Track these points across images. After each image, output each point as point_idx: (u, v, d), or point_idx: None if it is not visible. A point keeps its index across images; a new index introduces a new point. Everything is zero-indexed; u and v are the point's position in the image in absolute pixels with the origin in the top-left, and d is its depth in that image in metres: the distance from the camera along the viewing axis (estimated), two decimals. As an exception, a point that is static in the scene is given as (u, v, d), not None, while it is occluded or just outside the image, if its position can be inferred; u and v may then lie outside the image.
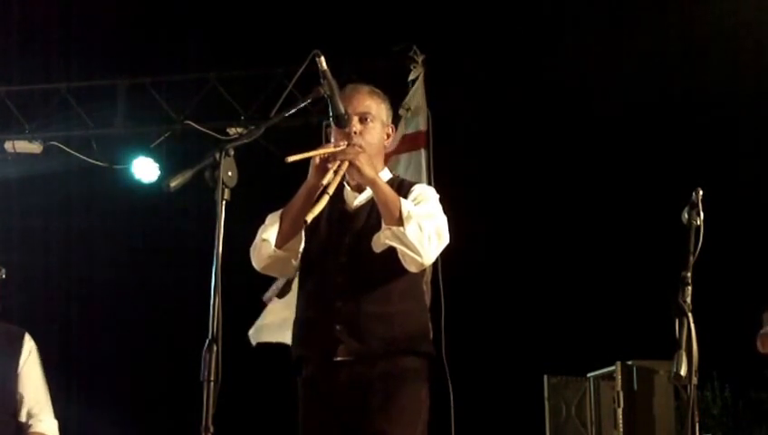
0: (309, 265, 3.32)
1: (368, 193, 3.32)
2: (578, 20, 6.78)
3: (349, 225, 3.30)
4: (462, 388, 5.80)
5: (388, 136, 3.44)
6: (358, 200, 3.34)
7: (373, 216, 3.25)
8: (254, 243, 3.31)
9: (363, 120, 3.32)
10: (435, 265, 5.04)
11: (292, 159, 3.05)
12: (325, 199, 3.06)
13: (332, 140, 3.30)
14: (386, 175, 3.36)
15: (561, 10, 6.78)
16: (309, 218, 3.03)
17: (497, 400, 6.90)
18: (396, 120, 4.79)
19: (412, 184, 3.40)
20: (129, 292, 7.86)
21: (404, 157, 6.22)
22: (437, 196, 3.34)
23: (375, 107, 3.37)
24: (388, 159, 5.92)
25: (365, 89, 3.42)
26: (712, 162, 6.47)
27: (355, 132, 3.27)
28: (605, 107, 6.82)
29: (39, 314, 7.64)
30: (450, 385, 5.64)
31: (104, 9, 7.36)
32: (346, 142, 3.22)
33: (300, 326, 3.33)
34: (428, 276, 4.63)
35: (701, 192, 3.08)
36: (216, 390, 2.46)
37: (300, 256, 3.31)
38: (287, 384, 3.39)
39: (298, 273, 3.37)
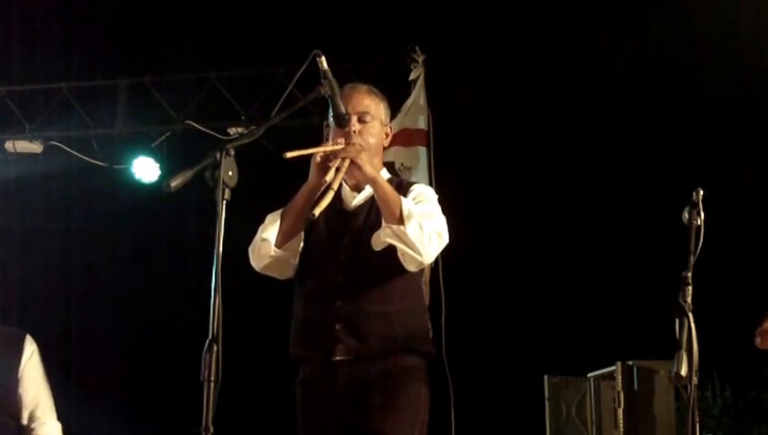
0: (308, 265, 3.32)
1: (366, 193, 3.32)
2: (578, 20, 6.77)
3: (348, 224, 3.31)
4: (462, 388, 5.80)
5: (387, 135, 3.45)
6: (357, 200, 3.35)
7: (372, 215, 3.26)
8: (253, 242, 3.32)
9: (362, 119, 3.32)
10: (434, 264, 5.04)
11: (290, 154, 3.05)
12: (331, 195, 3.07)
13: (331, 139, 3.31)
14: (385, 175, 3.36)
15: (561, 10, 6.78)
16: (317, 212, 3.03)
17: (497, 400, 6.90)
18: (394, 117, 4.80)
19: (411, 184, 3.40)
20: (129, 292, 7.85)
21: (395, 150, 6.22)
22: (436, 196, 3.35)
23: (374, 106, 3.37)
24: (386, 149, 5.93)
25: (364, 88, 3.42)
26: (712, 162, 6.47)
27: (354, 132, 3.28)
28: (605, 107, 6.81)
29: (39, 313, 7.65)
30: (450, 385, 5.64)
31: (104, 9, 7.36)
32: (345, 141, 3.23)
33: (299, 326, 3.32)
34: (427, 276, 4.62)
35: (701, 192, 3.08)
36: (216, 390, 2.46)
37: (298, 255, 3.32)
38: (287, 384, 3.39)
39: (297, 273, 3.37)
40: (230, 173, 2.60)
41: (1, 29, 7.43)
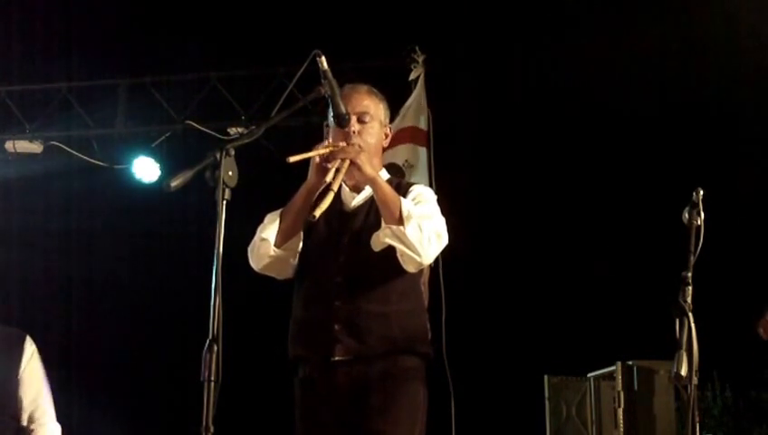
0: (307, 265, 3.31)
1: (365, 193, 3.32)
2: (578, 20, 6.77)
3: (347, 225, 3.30)
4: (462, 388, 5.80)
5: (387, 136, 3.44)
6: (356, 200, 3.34)
7: (371, 215, 3.25)
8: (252, 242, 3.31)
9: (362, 119, 3.32)
10: (435, 265, 5.05)
11: (293, 159, 3.06)
12: (331, 196, 3.07)
13: (330, 139, 3.31)
14: (384, 175, 3.36)
15: (561, 10, 6.78)
16: (317, 214, 3.03)
17: (498, 400, 6.90)
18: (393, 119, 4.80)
19: (410, 184, 3.40)
20: (129, 292, 7.86)
21: (400, 148, 6.23)
22: (435, 197, 3.34)
23: (373, 107, 3.37)
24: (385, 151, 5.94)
25: (363, 88, 3.41)
26: (712, 162, 6.47)
27: (354, 132, 3.27)
28: (606, 107, 6.81)
29: (39, 313, 7.65)
30: (451, 385, 5.64)
31: (105, 9, 7.36)
32: (345, 142, 3.22)
33: (298, 326, 3.32)
34: (426, 277, 4.63)
35: (701, 192, 3.08)
36: (216, 390, 2.46)
37: (298, 255, 3.32)
38: (287, 384, 3.39)
39: (296, 273, 3.36)
40: (230, 173, 2.60)
41: (1, 29, 7.43)
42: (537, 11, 6.81)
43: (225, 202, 2.58)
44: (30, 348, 3.99)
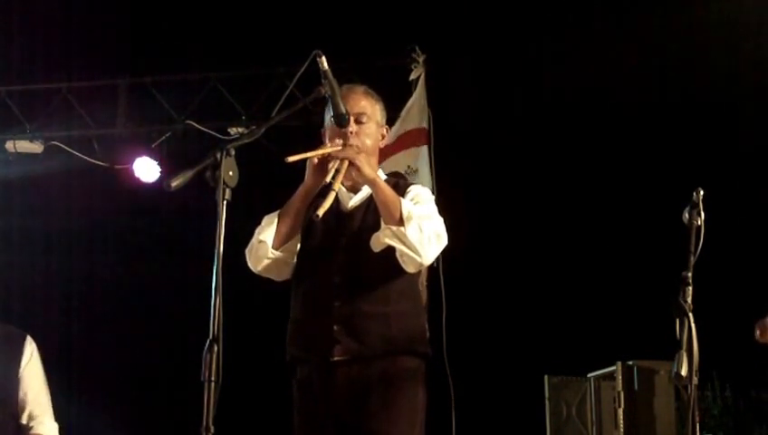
0: (305, 266, 3.31)
1: (363, 194, 3.32)
2: (578, 20, 6.78)
3: (345, 225, 3.30)
4: (463, 388, 5.80)
5: (383, 136, 3.44)
6: (353, 201, 3.34)
7: (369, 216, 3.25)
8: (250, 244, 3.31)
9: (359, 120, 3.32)
10: (435, 264, 5.04)
11: (291, 159, 3.06)
12: (332, 196, 3.07)
13: (328, 140, 3.31)
14: (381, 175, 3.36)
15: (561, 10, 6.78)
16: (320, 213, 3.03)
17: (498, 400, 6.90)
18: (391, 120, 4.81)
19: (408, 184, 3.40)
20: (129, 292, 7.85)
21: (402, 154, 6.24)
22: (433, 197, 3.34)
23: (370, 108, 3.37)
24: (388, 157, 5.95)
25: (360, 89, 3.42)
26: (712, 162, 6.47)
27: (351, 133, 3.27)
28: (606, 107, 6.82)
29: (39, 313, 7.65)
30: (451, 385, 5.64)
31: (104, 9, 7.36)
32: (342, 142, 3.22)
33: (296, 327, 3.32)
34: (425, 277, 4.63)
35: (701, 192, 3.08)
36: (216, 390, 2.46)
37: (296, 256, 3.31)
38: (288, 384, 3.39)
39: (294, 273, 3.36)
40: (230, 173, 2.60)
41: (1, 29, 7.43)
42: (537, 10, 6.81)
43: (225, 202, 2.58)
44: (30, 347, 4.00)
